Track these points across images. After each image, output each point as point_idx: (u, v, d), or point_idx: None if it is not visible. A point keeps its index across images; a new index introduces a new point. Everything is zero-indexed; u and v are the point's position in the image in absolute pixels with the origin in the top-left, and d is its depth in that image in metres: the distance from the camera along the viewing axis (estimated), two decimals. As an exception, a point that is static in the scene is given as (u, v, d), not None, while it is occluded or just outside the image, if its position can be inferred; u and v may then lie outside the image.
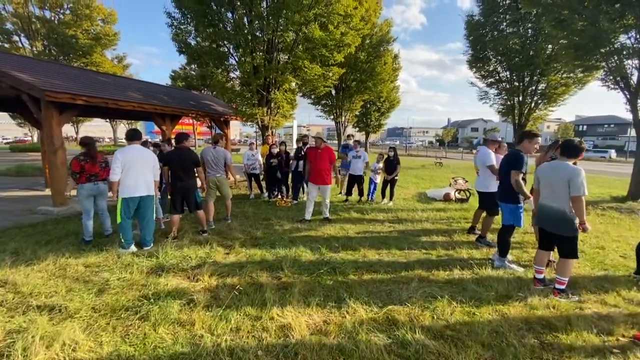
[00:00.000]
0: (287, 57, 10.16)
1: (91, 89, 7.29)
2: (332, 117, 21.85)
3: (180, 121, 15.96)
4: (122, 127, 39.81)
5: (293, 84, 10.41)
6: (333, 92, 20.37)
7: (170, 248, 4.36)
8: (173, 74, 26.13)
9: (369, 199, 8.04)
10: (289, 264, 3.98)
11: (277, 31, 9.43)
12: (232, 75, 11.22)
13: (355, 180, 7.91)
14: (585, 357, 2.34)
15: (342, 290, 3.31)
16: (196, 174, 5.21)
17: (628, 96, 7.73)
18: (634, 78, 7.53)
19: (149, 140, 7.45)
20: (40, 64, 8.42)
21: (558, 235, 3.23)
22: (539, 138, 3.95)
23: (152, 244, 4.57)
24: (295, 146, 9.96)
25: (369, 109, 25.16)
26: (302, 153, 7.63)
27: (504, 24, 16.98)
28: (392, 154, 7.86)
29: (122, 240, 4.35)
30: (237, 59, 10.07)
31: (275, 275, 3.71)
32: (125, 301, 3.04)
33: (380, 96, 23.48)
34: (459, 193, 8.76)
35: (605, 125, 57.63)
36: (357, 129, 26.44)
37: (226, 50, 10.30)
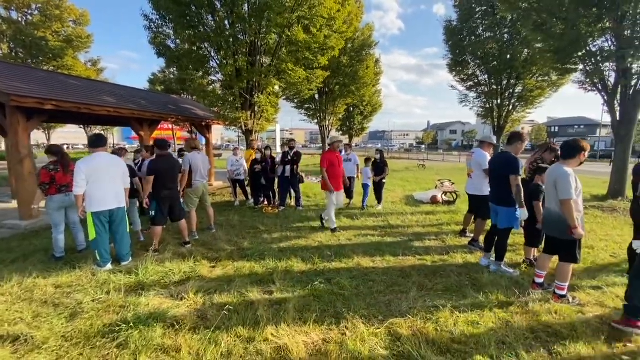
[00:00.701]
0: (270, 60, 9.95)
1: (61, 93, 6.82)
2: (315, 121, 21.74)
3: (159, 126, 15.41)
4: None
5: (277, 87, 10.19)
6: (317, 96, 20.29)
7: (150, 263, 4.04)
8: (152, 78, 25.36)
9: (362, 207, 7.77)
10: (281, 277, 3.76)
11: (259, 33, 9.22)
12: (213, 78, 10.89)
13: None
14: (598, 368, 2.26)
15: (339, 304, 3.13)
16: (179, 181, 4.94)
17: (606, 97, 8.00)
18: (612, 80, 7.81)
19: (124, 146, 7.02)
20: (5, 67, 7.85)
21: (558, 239, 3.17)
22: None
23: (130, 259, 4.24)
24: (279, 150, 9.75)
25: (352, 113, 25.26)
26: (289, 158, 7.43)
27: (481, 28, 17.47)
28: (378, 156, 7.77)
29: (98, 257, 3.98)
30: (218, 62, 9.77)
31: (266, 289, 3.48)
32: (100, 326, 2.74)
33: (363, 100, 23.62)
34: (445, 195, 8.78)
35: (576, 126, 60.45)
36: (341, 132, 26.45)
37: (207, 52, 9.98)
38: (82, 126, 28.86)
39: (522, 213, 3.70)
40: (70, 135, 55.90)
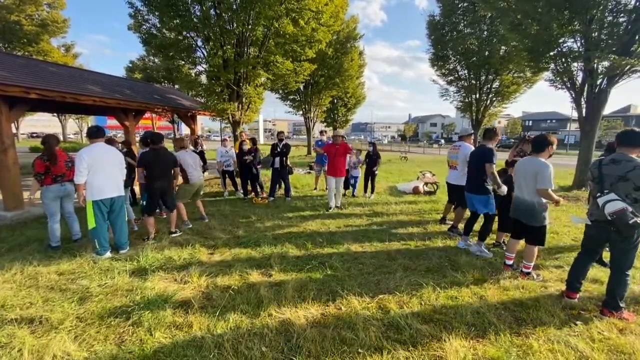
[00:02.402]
0: (258, 51, 9.98)
1: (45, 82, 6.67)
2: (300, 112, 21.82)
3: (147, 115, 15.05)
4: (72, 123, 36.64)
5: (264, 79, 10.25)
6: (302, 87, 20.33)
7: (150, 250, 4.21)
8: (130, 66, 24.50)
9: (353, 194, 8.26)
10: (277, 261, 4.02)
11: (247, 25, 9.22)
12: (199, 68, 10.79)
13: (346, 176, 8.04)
14: (555, 329, 2.67)
15: (333, 284, 3.43)
16: (173, 175, 5.07)
17: (573, 95, 8.63)
18: (579, 79, 8.42)
19: (114, 137, 6.97)
20: (-21, 52, 7.54)
21: (528, 226, 3.58)
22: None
23: (127, 248, 4.38)
24: (262, 141, 9.82)
25: (336, 104, 25.43)
26: (278, 150, 7.61)
27: (462, 24, 17.98)
28: (372, 149, 8.15)
29: (97, 246, 4.09)
30: (206, 52, 9.69)
31: (265, 272, 3.73)
32: (112, 308, 2.92)
33: (347, 92, 23.83)
34: (427, 186, 9.25)
35: (548, 121, 63.12)
36: (325, 124, 26.64)
37: (194, 42, 9.89)
38: (55, 114, 27.63)
39: (503, 189, 4.19)
40: (40, 124, 53.02)
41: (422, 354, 2.36)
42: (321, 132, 9.38)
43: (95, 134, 4.14)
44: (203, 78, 10.71)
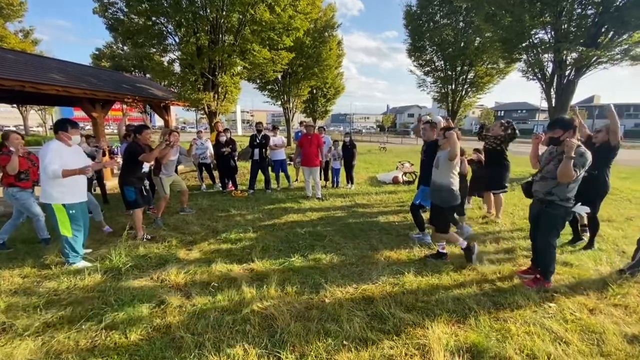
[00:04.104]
0: (234, 39, 9.62)
1: (2, 69, 6.15)
2: (279, 102, 21.44)
3: (118, 106, 14.30)
4: (33, 114, 34.27)
5: (241, 68, 9.93)
6: (280, 77, 19.95)
7: (124, 248, 4.00)
8: (96, 53, 23.09)
9: (334, 185, 8.25)
10: (259, 255, 3.94)
11: (222, 11, 8.85)
12: (172, 56, 10.30)
13: (321, 166, 7.98)
14: (530, 312, 2.77)
15: (316, 276, 3.40)
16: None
17: (544, 86, 8.96)
18: (549, 70, 8.74)
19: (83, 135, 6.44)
20: None
21: (439, 207, 3.79)
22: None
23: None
24: (240, 132, 9.52)
25: (315, 95, 25.21)
26: (257, 141, 7.44)
27: (439, 15, 18.17)
28: (347, 139, 8.10)
29: (71, 254, 3.63)
30: (178, 39, 9.23)
31: (246, 267, 3.65)
32: (83, 311, 2.75)
33: (326, 82, 23.63)
34: (406, 175, 9.38)
35: (519, 111, 65.59)
36: (305, 114, 26.40)
37: (165, 29, 9.40)
38: (14, 105, 25.75)
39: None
40: None
41: (406, 342, 2.38)
42: (301, 123, 9.26)
43: (63, 127, 3.75)
44: (177, 67, 10.24)
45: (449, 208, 3.81)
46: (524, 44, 8.80)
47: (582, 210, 3.37)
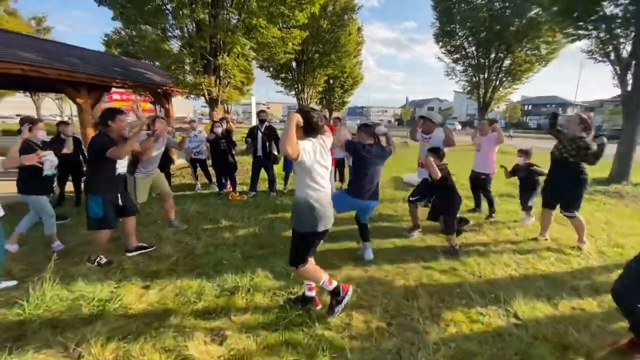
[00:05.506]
0: (237, 13, 8.23)
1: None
2: (293, 92, 20.04)
3: (111, 96, 13.29)
4: (49, 103, 34.22)
5: (247, 47, 8.57)
6: (294, 64, 18.54)
7: (50, 285, 2.76)
8: (105, 39, 22.34)
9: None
10: (243, 301, 2.64)
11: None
12: (170, 35, 9.00)
13: (337, 165, 6.62)
14: None
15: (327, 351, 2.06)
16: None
17: (618, 71, 7.09)
18: (627, 49, 6.89)
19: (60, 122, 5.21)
20: None
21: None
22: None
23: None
24: (254, 124, 8.21)
25: (332, 85, 23.68)
26: (258, 132, 6.12)
27: (473, -7, 16.21)
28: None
29: None
30: (171, 11, 7.88)
31: (216, 329, 2.34)
32: None
33: (344, 71, 22.04)
34: (438, 177, 7.87)
35: (548, 105, 61.61)
36: (321, 106, 24.93)
37: (160, 1, 8.09)
38: (27, 94, 25.46)
39: None
40: (12, 106, 47.72)
41: None
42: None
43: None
44: (172, 46, 8.94)
45: None
46: (593, 17, 7.01)
47: None
